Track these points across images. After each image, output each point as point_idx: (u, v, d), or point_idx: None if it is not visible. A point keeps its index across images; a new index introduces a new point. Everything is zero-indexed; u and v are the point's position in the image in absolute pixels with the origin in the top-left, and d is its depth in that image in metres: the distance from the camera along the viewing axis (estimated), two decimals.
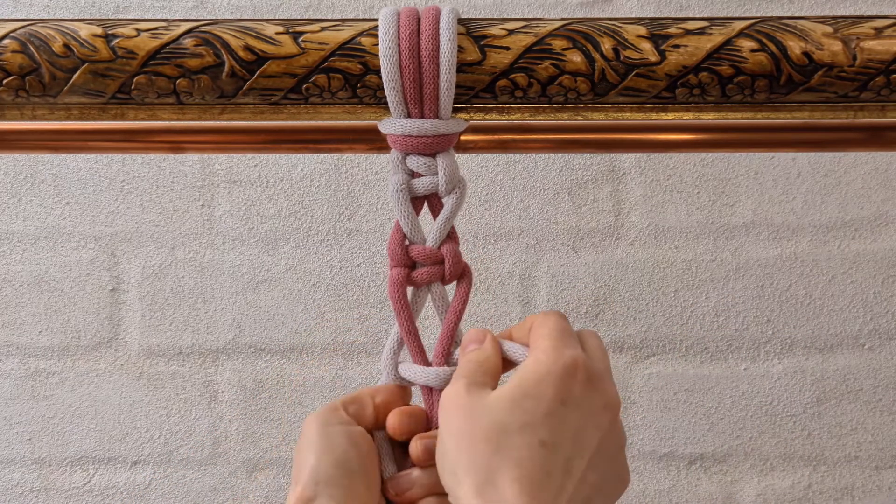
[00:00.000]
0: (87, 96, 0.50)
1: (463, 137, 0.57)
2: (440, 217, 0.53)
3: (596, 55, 0.49)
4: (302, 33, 0.49)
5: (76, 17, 0.51)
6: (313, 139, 0.59)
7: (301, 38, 0.49)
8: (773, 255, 0.99)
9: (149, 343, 1.01)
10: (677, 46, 0.49)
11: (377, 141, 0.56)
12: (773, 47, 0.49)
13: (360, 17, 0.75)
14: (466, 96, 0.51)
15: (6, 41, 0.49)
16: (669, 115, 0.53)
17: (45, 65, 0.49)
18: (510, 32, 0.50)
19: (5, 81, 0.49)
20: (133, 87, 0.50)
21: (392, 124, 0.51)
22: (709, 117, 0.53)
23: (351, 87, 0.50)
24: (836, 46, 0.49)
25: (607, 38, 0.49)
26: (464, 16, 0.52)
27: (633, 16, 0.97)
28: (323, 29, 0.50)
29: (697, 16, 0.57)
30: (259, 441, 1.01)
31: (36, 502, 1.03)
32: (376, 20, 0.50)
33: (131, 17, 0.75)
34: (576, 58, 0.49)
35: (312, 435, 0.50)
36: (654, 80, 0.49)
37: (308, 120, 0.54)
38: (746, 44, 0.49)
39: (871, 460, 1.00)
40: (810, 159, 0.98)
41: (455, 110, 0.52)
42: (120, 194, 1.00)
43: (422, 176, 0.52)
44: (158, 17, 0.51)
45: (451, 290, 0.54)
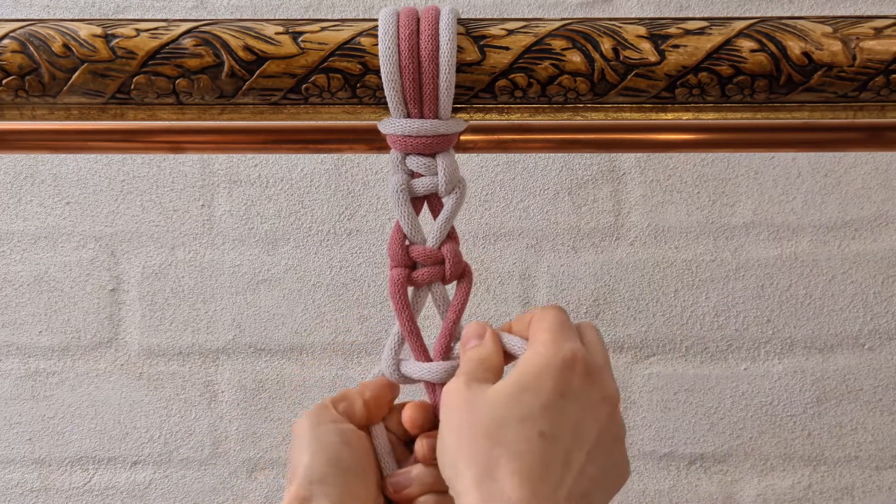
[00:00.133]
0: (87, 96, 0.50)
1: (463, 137, 0.57)
2: (440, 217, 0.53)
3: (595, 55, 0.49)
4: (301, 33, 0.49)
5: (76, 17, 0.51)
6: (313, 139, 0.59)
7: (301, 39, 0.49)
8: (773, 255, 0.98)
9: (149, 343, 1.01)
10: (677, 46, 0.49)
11: (377, 141, 0.56)
12: (772, 47, 0.49)
13: (360, 17, 0.75)
14: (466, 96, 0.51)
15: (6, 41, 0.49)
16: (669, 115, 0.53)
17: (45, 65, 0.49)
18: (510, 32, 0.50)
19: (5, 81, 0.49)
20: (133, 87, 0.50)
21: (392, 124, 0.51)
22: (708, 117, 0.53)
23: (350, 87, 0.50)
24: (836, 46, 0.49)
25: (607, 38, 0.49)
26: (463, 16, 0.52)
27: (632, 16, 0.97)
28: (322, 29, 0.50)
29: (697, 16, 0.57)
30: (259, 441, 1.01)
31: (36, 502, 1.03)
32: (376, 20, 0.50)
33: (131, 17, 0.75)
34: (575, 58, 0.49)
35: (305, 434, 0.51)
36: (653, 80, 0.49)
37: (308, 120, 0.54)
38: (746, 44, 0.49)
39: (871, 460, 1.00)
40: (810, 159, 0.98)
41: (455, 110, 0.52)
42: (120, 194, 1.00)
43: (422, 176, 0.52)
44: (158, 17, 0.51)
45: (450, 289, 0.54)
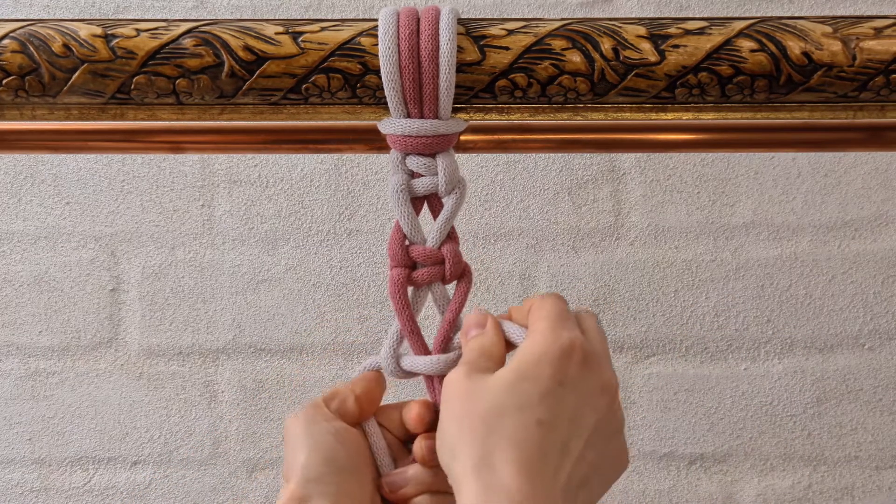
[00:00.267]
0: (87, 96, 0.50)
1: (463, 137, 0.57)
2: (440, 217, 0.53)
3: (595, 55, 0.49)
4: (301, 33, 0.49)
5: (76, 17, 0.51)
6: (313, 139, 0.59)
7: (301, 39, 0.49)
8: (773, 255, 0.98)
9: (149, 343, 1.01)
10: (677, 46, 0.49)
11: (377, 141, 0.56)
12: (772, 47, 0.49)
13: (360, 17, 0.75)
14: (466, 96, 0.51)
15: (6, 41, 0.49)
16: (669, 115, 0.53)
17: (45, 65, 0.49)
18: (510, 32, 0.50)
19: (5, 81, 0.49)
20: (133, 87, 0.50)
21: (392, 124, 0.51)
22: (708, 117, 0.53)
23: (350, 87, 0.50)
24: (836, 46, 0.49)
25: (607, 38, 0.49)
26: (463, 16, 0.52)
27: (632, 16, 0.97)
28: (322, 29, 0.50)
29: (697, 16, 0.57)
30: (259, 441, 1.01)
31: (36, 502, 1.03)
32: (376, 20, 0.50)
33: (131, 17, 0.75)
34: (575, 58, 0.49)
35: (299, 433, 0.50)
36: (653, 80, 0.49)
37: (308, 120, 0.54)
38: (746, 44, 0.49)
39: (871, 460, 1.00)
40: (810, 159, 0.98)
41: (455, 110, 0.52)
42: (120, 194, 1.00)
43: (422, 176, 0.52)
44: (158, 17, 0.51)
45: (450, 289, 0.54)
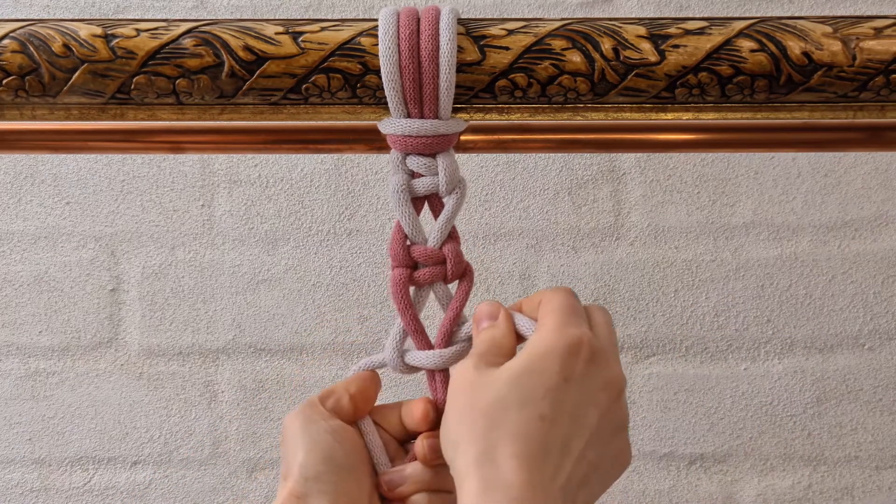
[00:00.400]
0: (87, 96, 0.50)
1: (463, 137, 0.57)
2: (441, 217, 0.53)
3: (596, 55, 0.49)
4: (301, 33, 0.49)
5: (76, 17, 0.51)
6: (313, 139, 0.59)
7: (301, 39, 0.49)
8: (773, 255, 0.98)
9: (149, 343, 1.01)
10: (677, 46, 0.49)
11: (377, 141, 0.56)
12: (772, 47, 0.49)
13: (360, 17, 0.75)
14: (466, 96, 0.51)
15: (6, 41, 0.49)
16: (669, 115, 0.53)
17: (45, 65, 0.49)
18: (510, 32, 0.50)
19: (5, 81, 0.49)
20: (133, 87, 0.50)
21: (392, 124, 0.51)
22: (708, 117, 0.53)
23: (350, 87, 0.50)
24: (836, 46, 0.49)
25: (607, 38, 0.49)
26: (463, 16, 0.52)
27: (632, 16, 0.97)
28: (322, 29, 0.50)
29: (697, 16, 0.57)
30: (259, 441, 1.01)
31: (36, 502, 1.03)
32: (376, 20, 0.50)
33: (131, 17, 0.75)
34: (575, 58, 0.49)
35: (297, 432, 0.51)
36: (653, 80, 0.49)
37: (308, 120, 0.54)
38: (746, 44, 0.49)
39: (871, 460, 1.00)
40: (810, 159, 0.98)
41: (455, 110, 0.52)
42: (120, 194, 1.00)
43: (422, 176, 0.52)
44: (158, 17, 0.51)
45: (451, 288, 0.54)
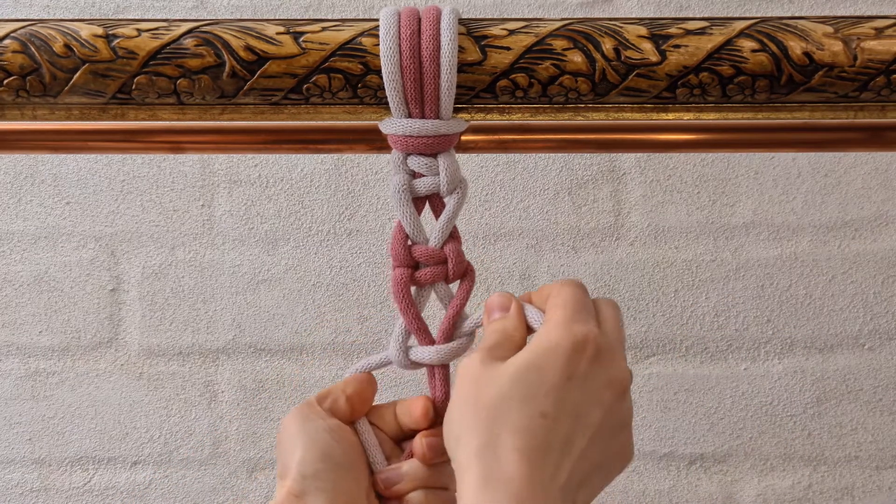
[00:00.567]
0: (88, 96, 0.50)
1: (463, 137, 0.57)
2: (442, 217, 0.53)
3: (597, 55, 0.49)
4: (302, 33, 0.49)
5: (76, 17, 0.51)
6: (313, 139, 0.59)
7: (302, 39, 0.49)
8: (773, 255, 0.99)
9: (149, 343, 1.01)
10: (678, 46, 0.49)
11: (378, 141, 0.56)
12: (773, 47, 0.49)
13: (361, 17, 0.75)
14: (467, 96, 0.51)
15: (7, 41, 0.49)
16: (670, 116, 0.53)
17: (46, 65, 0.49)
18: (511, 32, 0.50)
19: (6, 81, 0.49)
20: (133, 87, 0.50)
21: (393, 124, 0.51)
22: (709, 117, 0.53)
23: (351, 87, 0.50)
24: (837, 46, 0.49)
25: (608, 38, 0.49)
26: (464, 16, 0.52)
27: (633, 16, 0.97)
28: (323, 29, 0.50)
29: (698, 16, 0.57)
30: (259, 441, 1.01)
31: (36, 502, 1.03)
32: (377, 20, 0.50)
33: (132, 17, 0.75)
34: (576, 58, 0.49)
35: (294, 431, 0.51)
36: (654, 80, 0.49)
37: (308, 120, 0.54)
38: (747, 44, 0.49)
39: (871, 460, 1.00)
40: (810, 159, 0.98)
41: (456, 110, 0.52)
42: (120, 194, 1.00)
43: (423, 176, 0.52)
44: (159, 18, 0.51)
45: (453, 287, 0.54)
